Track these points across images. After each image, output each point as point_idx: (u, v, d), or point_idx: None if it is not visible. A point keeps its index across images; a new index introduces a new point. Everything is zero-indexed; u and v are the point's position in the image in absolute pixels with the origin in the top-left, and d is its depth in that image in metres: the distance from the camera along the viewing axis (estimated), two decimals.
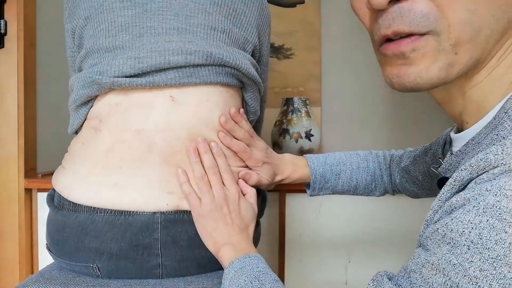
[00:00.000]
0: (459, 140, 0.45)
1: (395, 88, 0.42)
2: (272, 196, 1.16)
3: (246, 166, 0.69)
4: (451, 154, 0.47)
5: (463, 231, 0.33)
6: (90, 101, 0.66)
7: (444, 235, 0.35)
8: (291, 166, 0.76)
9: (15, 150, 1.06)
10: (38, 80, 1.14)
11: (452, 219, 0.34)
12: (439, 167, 0.50)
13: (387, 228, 1.14)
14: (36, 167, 1.13)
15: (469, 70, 0.40)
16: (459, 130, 0.46)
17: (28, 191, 1.09)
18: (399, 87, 0.41)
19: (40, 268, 1.08)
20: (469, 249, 0.32)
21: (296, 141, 1.17)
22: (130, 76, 0.61)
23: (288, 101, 1.21)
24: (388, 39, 0.41)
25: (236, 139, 0.67)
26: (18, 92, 1.06)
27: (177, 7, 0.65)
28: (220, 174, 0.63)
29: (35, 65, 1.12)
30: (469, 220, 0.33)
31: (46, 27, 1.17)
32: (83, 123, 0.67)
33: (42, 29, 1.15)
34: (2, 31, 1.04)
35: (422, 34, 0.38)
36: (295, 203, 1.15)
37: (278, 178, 0.74)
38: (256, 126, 0.84)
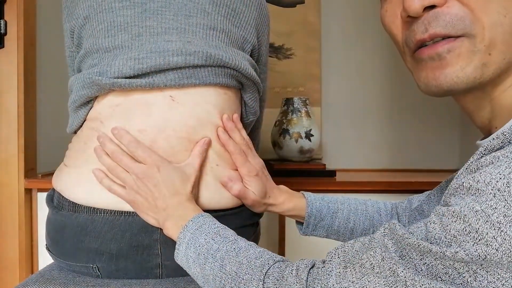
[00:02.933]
0: None
1: (432, 92, 0.44)
2: None
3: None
4: None
5: (490, 181, 0.33)
6: (90, 102, 0.65)
7: (469, 188, 0.35)
8: (286, 194, 0.72)
9: (15, 150, 1.06)
10: (38, 80, 1.13)
11: (480, 173, 0.35)
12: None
13: None
14: (36, 167, 1.13)
15: (502, 72, 0.41)
16: (485, 138, 0.46)
17: (28, 191, 1.09)
18: (436, 90, 0.43)
19: (40, 268, 1.08)
20: (494, 197, 0.33)
21: (296, 141, 1.17)
22: (130, 77, 0.61)
23: (288, 101, 1.22)
24: (422, 46, 0.43)
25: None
26: (18, 92, 1.06)
27: (176, 7, 0.64)
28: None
29: (35, 65, 1.12)
30: (498, 172, 0.33)
31: (46, 27, 1.17)
32: (83, 123, 0.67)
33: (42, 29, 1.15)
34: (2, 31, 1.04)
35: (457, 37, 0.40)
36: None
37: (269, 200, 0.70)
38: (255, 125, 0.84)
